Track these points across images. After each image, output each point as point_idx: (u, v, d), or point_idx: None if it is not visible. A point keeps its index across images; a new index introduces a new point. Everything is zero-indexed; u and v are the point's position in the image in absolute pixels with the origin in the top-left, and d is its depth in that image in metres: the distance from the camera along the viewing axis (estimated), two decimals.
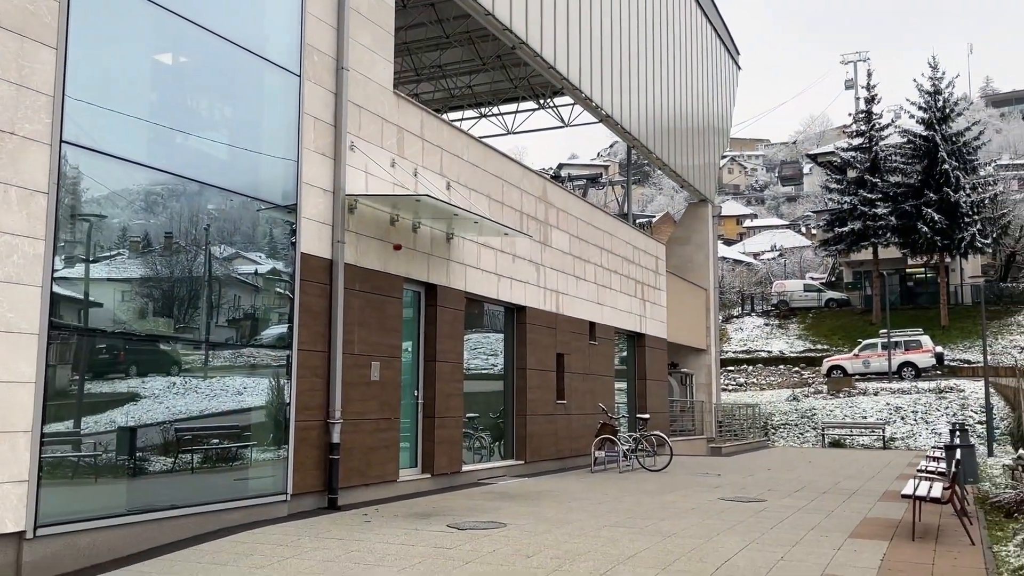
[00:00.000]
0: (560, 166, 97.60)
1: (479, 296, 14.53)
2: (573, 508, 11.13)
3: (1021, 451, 15.05)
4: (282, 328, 10.19)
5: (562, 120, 26.61)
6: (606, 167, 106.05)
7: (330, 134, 10.87)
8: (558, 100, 26.03)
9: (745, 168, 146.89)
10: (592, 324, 18.93)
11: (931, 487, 9.40)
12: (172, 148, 8.80)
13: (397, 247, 11.86)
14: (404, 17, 19.28)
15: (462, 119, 27.73)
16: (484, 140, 15.37)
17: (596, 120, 21.41)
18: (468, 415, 14.76)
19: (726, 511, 11.09)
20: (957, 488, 9.79)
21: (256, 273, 10.08)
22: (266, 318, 10.17)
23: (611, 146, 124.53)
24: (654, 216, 66.49)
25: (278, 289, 10.27)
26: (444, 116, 27.14)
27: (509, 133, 27.77)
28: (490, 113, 27.35)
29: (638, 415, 19.76)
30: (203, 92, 9.29)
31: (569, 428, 17.56)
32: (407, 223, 12.23)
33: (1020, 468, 12.82)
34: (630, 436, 17.77)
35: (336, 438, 10.60)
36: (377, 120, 11.79)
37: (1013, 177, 58.82)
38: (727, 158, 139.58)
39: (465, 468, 14.05)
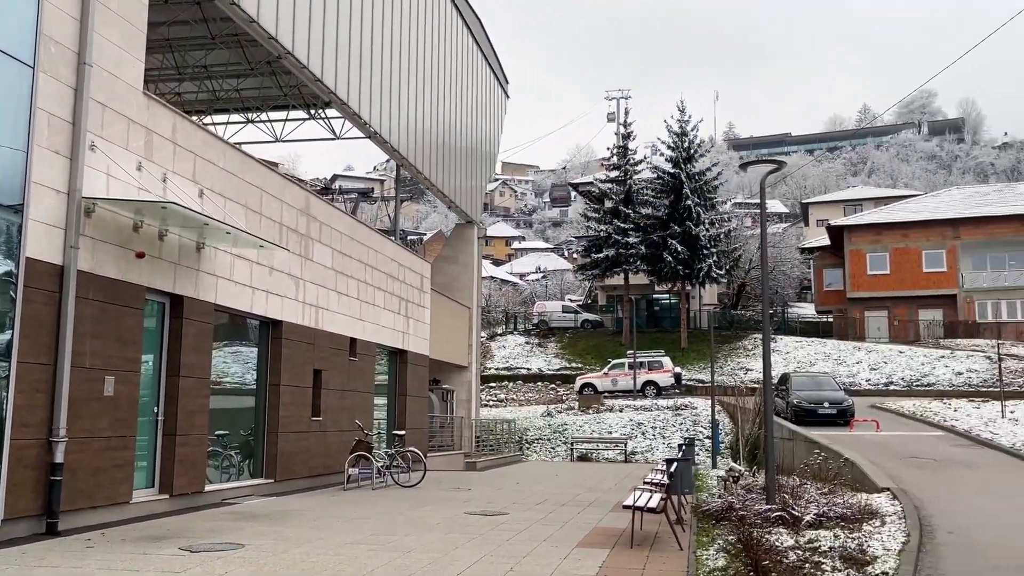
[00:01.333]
0: (335, 177, 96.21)
1: (231, 309, 14.04)
2: (318, 526, 11.02)
3: (732, 463, 16.75)
4: (3, 338, 9.32)
5: (333, 132, 26.26)
6: (381, 181, 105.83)
7: (67, 132, 10.12)
8: (330, 112, 25.69)
9: (516, 192, 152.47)
10: (353, 340, 18.83)
11: (650, 498, 10.25)
12: None
13: (140, 255, 11.22)
14: (166, 13, 18.31)
15: (227, 123, 26.67)
16: (243, 148, 14.93)
17: (365, 135, 21.39)
18: (217, 432, 14.19)
19: (470, 525, 11.44)
20: (672, 498, 10.73)
21: None
22: None
23: (387, 161, 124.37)
24: (426, 234, 67.30)
25: (7, 295, 9.38)
26: (208, 119, 26.17)
27: (278, 141, 27.08)
28: (258, 119, 26.51)
29: (394, 431, 19.87)
30: None
31: (324, 445, 17.34)
32: (152, 230, 11.61)
33: (731, 479, 14.28)
34: (386, 453, 17.84)
35: (59, 458, 9.83)
36: (123, 120, 11.12)
37: (746, 215, 65.43)
38: (499, 181, 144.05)
39: (210, 488, 13.48)
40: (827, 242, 55.52)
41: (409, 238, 43.96)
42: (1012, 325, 48.18)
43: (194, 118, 21.70)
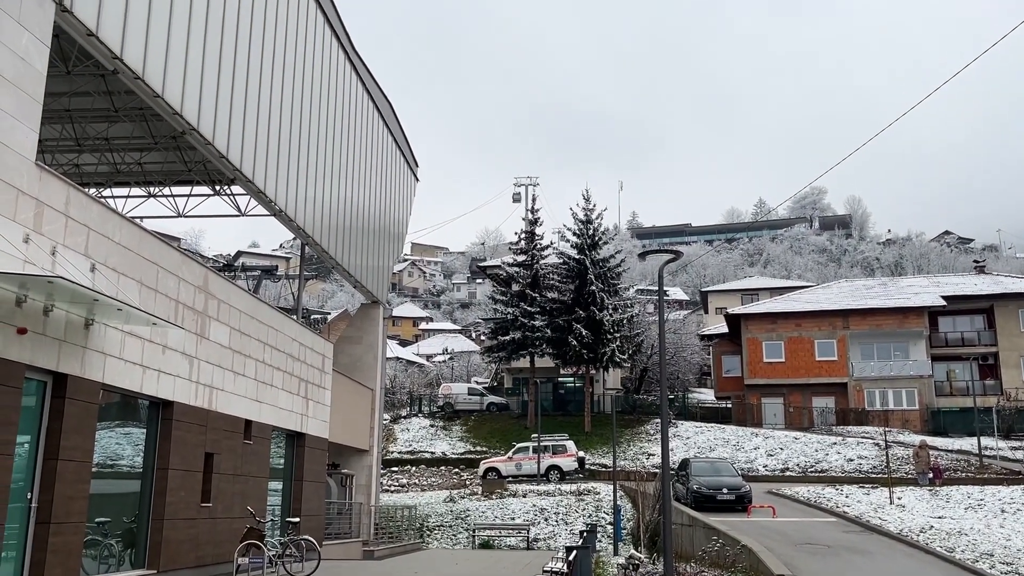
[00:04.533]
0: (239, 254, 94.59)
1: (119, 389, 13.42)
2: None
3: (632, 551, 16.71)
4: None
5: (239, 209, 25.85)
6: (287, 259, 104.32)
7: None
8: (235, 188, 25.40)
9: (424, 273, 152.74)
10: (248, 422, 18.21)
11: None
12: None
13: (21, 331, 10.68)
14: (68, 83, 17.92)
15: (128, 196, 26.03)
16: (142, 222, 14.54)
17: (271, 213, 21.16)
18: (97, 519, 13.37)
19: None
20: None
21: None
22: None
23: (293, 238, 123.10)
24: (330, 313, 66.43)
25: None
26: (107, 192, 25.50)
27: (180, 216, 26.49)
28: (160, 194, 25.93)
29: (288, 519, 19.14)
30: None
31: (214, 532, 16.52)
32: (37, 305, 11.09)
33: (631, 567, 14.21)
34: (279, 541, 17.12)
35: None
36: (11, 191, 10.71)
37: (648, 301, 67.08)
38: (407, 262, 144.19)
39: None
40: (725, 329, 57.28)
41: (313, 317, 43.31)
42: (898, 412, 50.29)
43: (91, 191, 21.19)
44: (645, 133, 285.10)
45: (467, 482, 41.67)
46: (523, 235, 51.61)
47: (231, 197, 25.43)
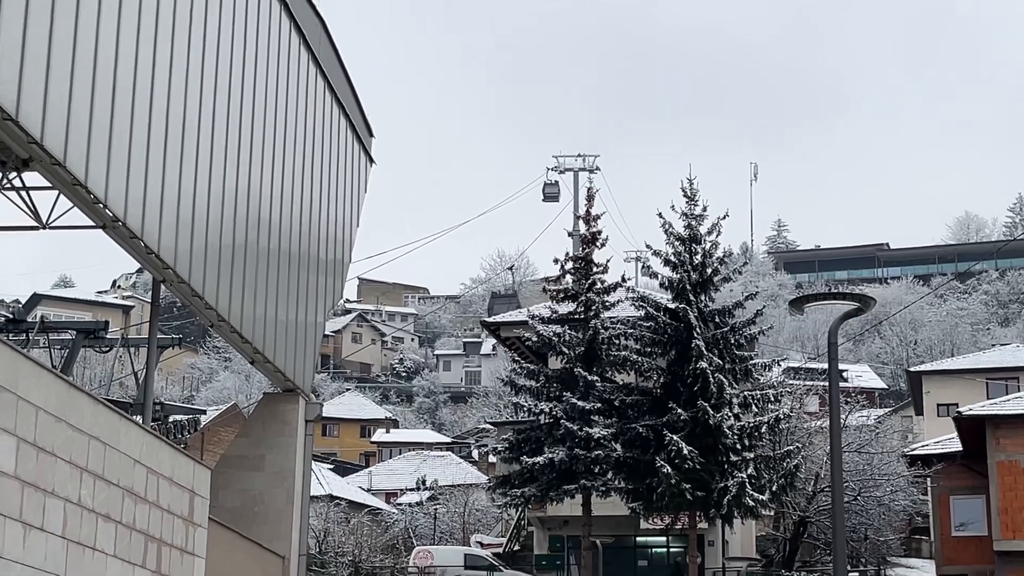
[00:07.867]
0: (36, 299, 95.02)
1: None
2: None
3: None
4: None
5: (37, 216, 25.95)
6: (126, 310, 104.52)
7: None
8: (32, 178, 25.52)
9: (384, 336, 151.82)
10: None
11: None
12: None
13: None
14: None
15: None
16: None
17: (97, 224, 21.28)
18: None
19: None
20: None
21: None
22: None
23: (139, 271, 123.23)
24: (205, 411, 66.39)
25: None
26: None
27: None
28: None
29: None
30: None
31: None
32: None
33: None
34: None
35: None
36: None
37: (809, 390, 66.19)
38: (353, 316, 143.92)
39: None
40: (957, 446, 56.63)
41: (174, 419, 43.35)
42: None
43: None
44: (796, 82, 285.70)
45: None
46: (570, 263, 51.35)
47: (23, 193, 25.56)
